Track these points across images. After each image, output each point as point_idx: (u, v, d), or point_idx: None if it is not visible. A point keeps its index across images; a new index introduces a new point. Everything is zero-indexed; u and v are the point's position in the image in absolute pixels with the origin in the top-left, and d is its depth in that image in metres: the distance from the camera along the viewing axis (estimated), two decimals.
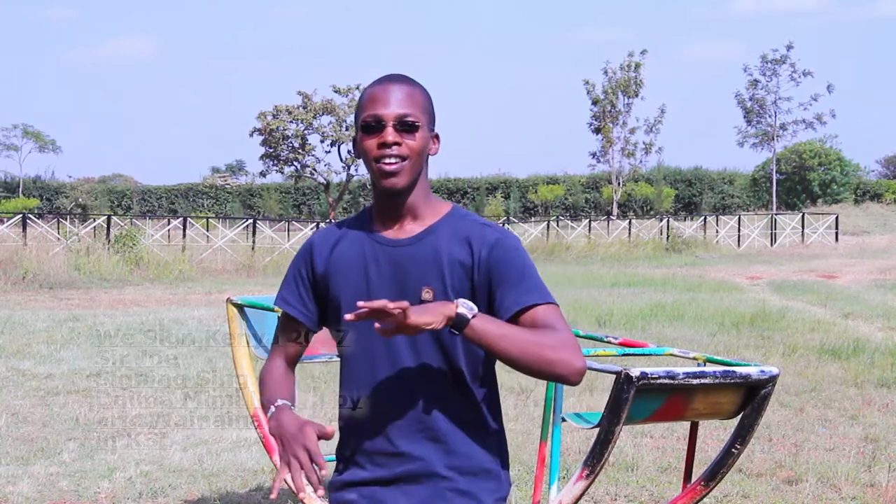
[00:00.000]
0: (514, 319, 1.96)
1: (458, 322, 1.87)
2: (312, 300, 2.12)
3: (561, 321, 1.97)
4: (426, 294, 2.00)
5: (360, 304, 1.82)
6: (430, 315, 1.85)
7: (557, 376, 1.92)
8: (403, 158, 1.99)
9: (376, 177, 2.02)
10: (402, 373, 2.01)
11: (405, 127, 2.00)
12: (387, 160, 1.99)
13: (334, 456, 2.18)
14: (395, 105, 2.00)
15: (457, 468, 2.01)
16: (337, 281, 2.06)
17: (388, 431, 2.02)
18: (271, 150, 44.26)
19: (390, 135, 1.98)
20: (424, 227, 2.05)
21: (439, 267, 2.01)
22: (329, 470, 1.98)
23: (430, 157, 2.09)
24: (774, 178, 48.38)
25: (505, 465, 2.10)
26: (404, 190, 2.02)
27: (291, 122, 43.66)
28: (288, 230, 33.62)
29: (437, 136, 2.10)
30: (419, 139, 2.01)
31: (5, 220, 27.96)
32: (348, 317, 1.84)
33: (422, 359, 2.01)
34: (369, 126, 2.00)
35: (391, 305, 1.80)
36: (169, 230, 31.14)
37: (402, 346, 2.00)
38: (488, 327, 1.89)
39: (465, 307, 1.88)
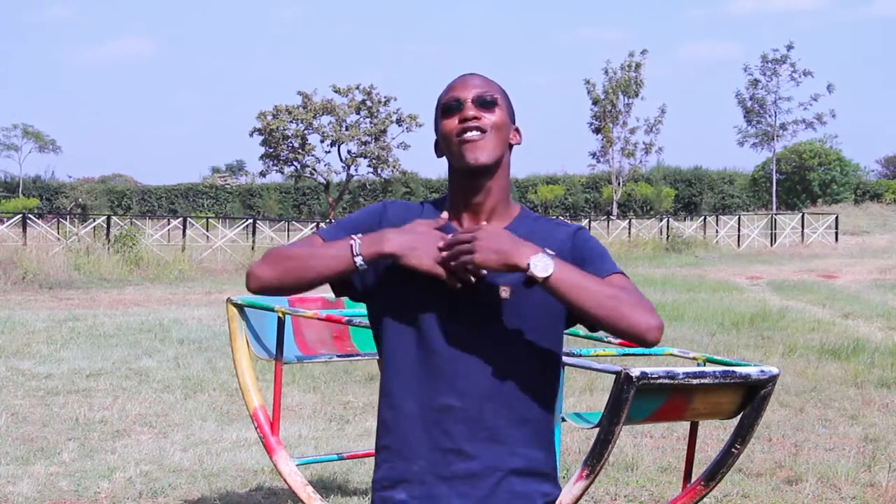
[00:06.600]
0: None
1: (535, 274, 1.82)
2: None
3: (637, 290, 1.96)
4: (503, 292, 1.94)
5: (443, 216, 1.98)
6: (498, 254, 1.84)
7: (634, 332, 1.87)
8: (483, 131, 1.98)
9: (459, 154, 1.99)
10: (462, 366, 1.93)
11: (483, 103, 2.00)
12: (468, 134, 1.98)
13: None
14: (472, 88, 2.02)
15: (515, 471, 1.95)
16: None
17: (444, 427, 1.92)
18: (271, 150, 44.24)
19: (470, 110, 1.99)
20: (502, 226, 1.99)
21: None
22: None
23: (512, 147, 2.07)
24: (774, 177, 48.36)
25: (556, 467, 2.07)
26: (487, 168, 1.99)
27: (291, 122, 43.63)
28: (288, 230, 33.63)
29: (518, 129, 2.09)
30: (498, 114, 2.01)
31: (5, 220, 27.93)
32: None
33: (486, 352, 1.93)
34: (449, 107, 2.00)
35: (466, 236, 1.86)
36: (169, 230, 31.13)
37: (462, 339, 1.93)
38: (566, 276, 1.84)
39: (543, 257, 1.83)
